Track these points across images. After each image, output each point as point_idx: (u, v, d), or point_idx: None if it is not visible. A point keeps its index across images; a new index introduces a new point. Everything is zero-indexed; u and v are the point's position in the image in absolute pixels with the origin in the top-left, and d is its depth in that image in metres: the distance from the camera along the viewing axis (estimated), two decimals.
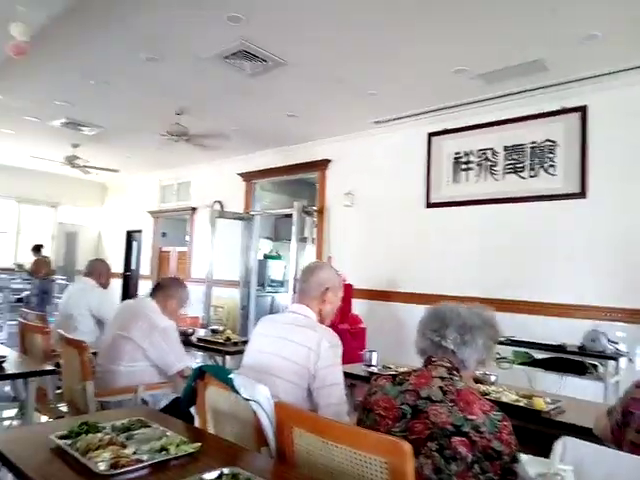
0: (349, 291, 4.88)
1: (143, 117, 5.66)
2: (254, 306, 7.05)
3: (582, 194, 4.08)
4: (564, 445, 1.11)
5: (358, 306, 5.17)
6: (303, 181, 6.85)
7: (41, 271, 7.80)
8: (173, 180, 8.57)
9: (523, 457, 0.84)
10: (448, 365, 1.37)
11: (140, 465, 1.18)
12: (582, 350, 3.40)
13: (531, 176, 4.38)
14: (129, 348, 2.33)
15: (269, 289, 7.73)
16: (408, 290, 5.06)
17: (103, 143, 6.86)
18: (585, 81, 4.00)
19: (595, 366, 3.38)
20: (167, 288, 2.61)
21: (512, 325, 3.97)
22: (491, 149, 4.64)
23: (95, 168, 7.54)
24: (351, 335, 4.42)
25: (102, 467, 1.15)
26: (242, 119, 5.52)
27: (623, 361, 3.40)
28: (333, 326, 1.93)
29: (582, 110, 4.12)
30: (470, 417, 1.22)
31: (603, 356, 3.31)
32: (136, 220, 9.36)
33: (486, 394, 2.11)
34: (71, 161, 7.16)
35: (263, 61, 3.95)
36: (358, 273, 5.36)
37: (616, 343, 3.45)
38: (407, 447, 1.05)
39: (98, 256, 9.43)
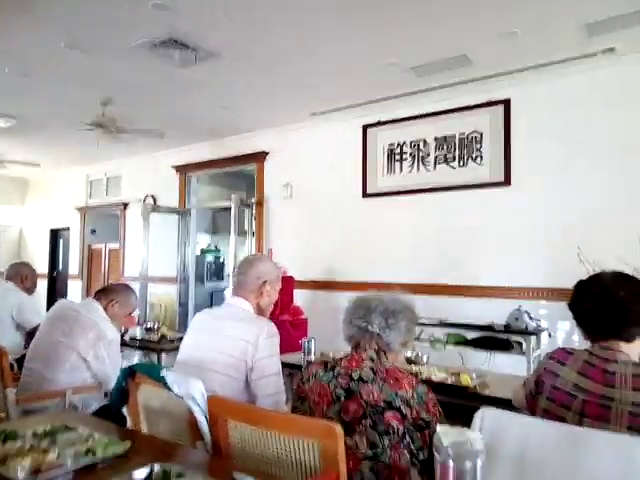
0: (290, 283, 4.89)
1: (65, 108, 5.30)
2: (193, 302, 6.89)
3: (507, 182, 4.33)
4: (483, 415, 1.20)
5: (300, 297, 5.20)
6: (241, 173, 6.74)
7: None
8: (102, 174, 8.11)
9: (439, 428, 0.90)
10: (375, 347, 1.45)
11: (63, 470, 1.12)
12: (507, 328, 3.64)
13: (460, 166, 4.59)
14: (72, 358, 2.24)
15: (208, 284, 7.57)
16: (348, 279, 5.15)
17: (20, 136, 6.34)
18: (507, 75, 4.21)
19: (520, 343, 3.64)
20: (113, 292, 2.56)
21: (446, 308, 4.18)
22: (423, 140, 4.81)
23: (12, 162, 6.99)
24: (292, 326, 4.44)
25: (21, 475, 1.08)
26: (174, 110, 5.33)
27: (544, 336, 3.69)
28: (273, 317, 1.93)
29: (506, 103, 4.36)
30: (400, 392, 1.31)
31: (525, 332, 3.56)
32: (62, 217, 8.78)
33: (418, 374, 2.20)
34: None
35: (193, 51, 3.83)
36: (299, 264, 5.38)
37: (538, 320, 3.73)
38: (338, 429, 1.08)
39: (20, 257, 8.79)
